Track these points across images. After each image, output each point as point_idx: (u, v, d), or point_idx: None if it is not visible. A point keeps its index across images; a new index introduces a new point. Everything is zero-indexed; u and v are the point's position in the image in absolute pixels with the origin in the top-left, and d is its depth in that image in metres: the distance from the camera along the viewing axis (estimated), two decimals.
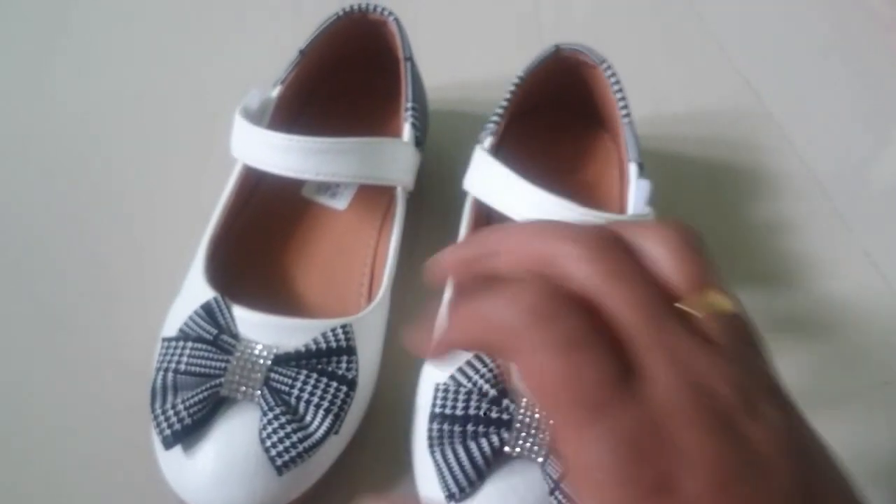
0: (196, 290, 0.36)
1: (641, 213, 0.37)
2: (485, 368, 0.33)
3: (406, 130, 0.41)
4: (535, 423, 0.32)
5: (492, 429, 0.32)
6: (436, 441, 0.32)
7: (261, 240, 0.41)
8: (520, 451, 0.32)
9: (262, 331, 0.34)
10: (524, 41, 0.46)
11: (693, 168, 0.52)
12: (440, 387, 0.33)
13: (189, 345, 0.33)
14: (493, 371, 0.33)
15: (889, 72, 0.59)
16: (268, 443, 0.31)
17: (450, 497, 0.31)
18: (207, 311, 0.35)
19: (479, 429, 0.32)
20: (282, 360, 0.33)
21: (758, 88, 0.57)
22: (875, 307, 0.45)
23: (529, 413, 0.32)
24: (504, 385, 0.33)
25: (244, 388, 0.33)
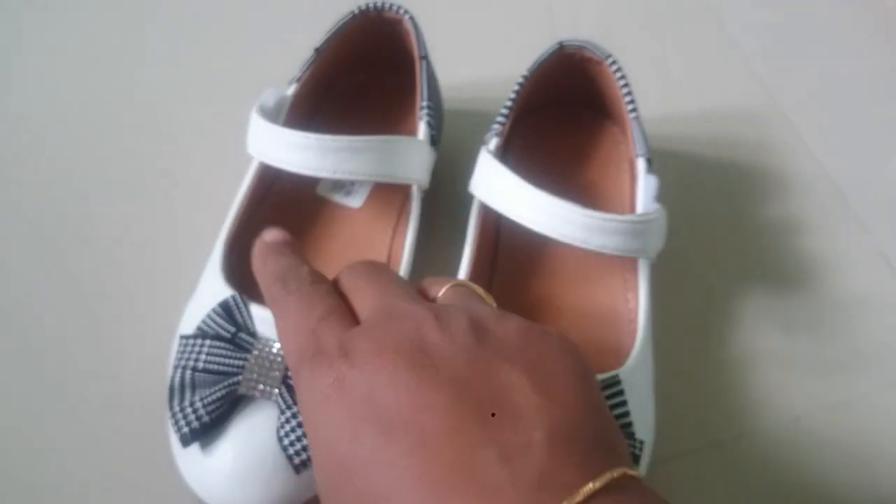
0: (213, 288, 0.36)
1: (650, 210, 0.37)
2: None
3: (421, 129, 0.41)
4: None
5: None
6: None
7: None
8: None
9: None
10: (537, 40, 0.45)
11: (706, 168, 0.52)
12: None
13: (207, 342, 0.34)
14: None
15: None
16: (285, 441, 0.31)
17: None
18: (225, 309, 0.35)
19: None
20: None
21: (771, 88, 0.57)
22: (891, 307, 0.45)
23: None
24: None
25: (262, 387, 0.33)
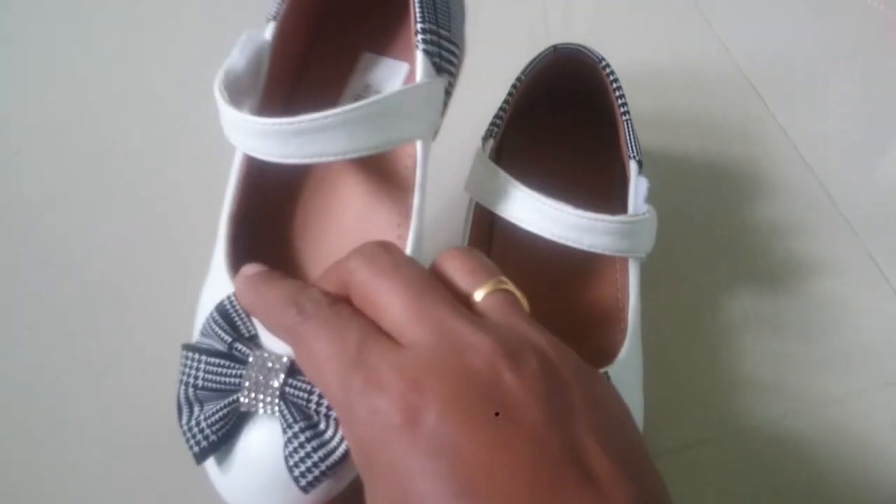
0: (219, 279, 0.34)
1: (640, 212, 0.37)
2: None
3: (419, 61, 0.34)
4: None
5: None
6: None
7: (279, 213, 0.38)
8: None
9: None
10: (532, 43, 0.43)
11: (696, 170, 0.52)
12: None
13: (203, 359, 0.32)
14: None
15: (893, 74, 0.59)
16: (290, 462, 0.30)
17: None
18: (223, 314, 0.32)
19: None
20: (296, 370, 0.31)
21: (762, 91, 0.57)
22: (878, 309, 0.45)
23: None
24: None
25: (262, 403, 0.31)
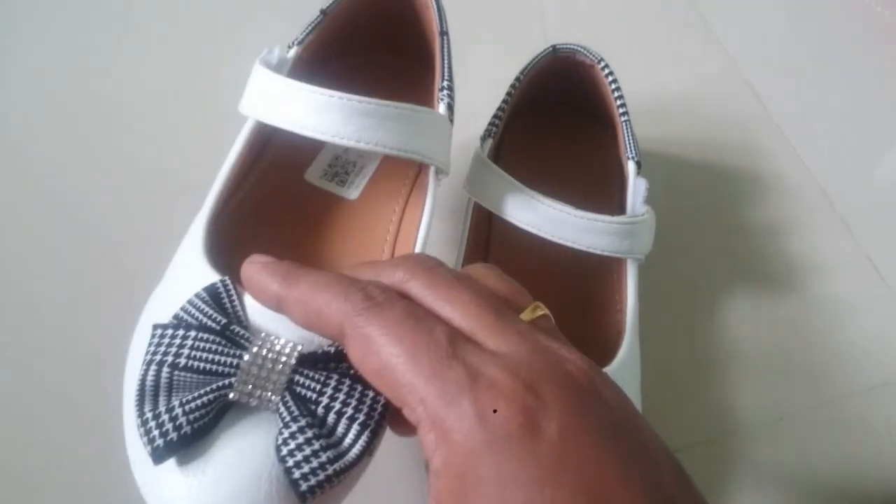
0: (193, 272, 0.29)
1: (639, 213, 0.37)
2: None
3: (441, 112, 0.36)
4: None
5: None
6: None
7: (267, 222, 0.35)
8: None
9: (278, 323, 0.28)
10: (530, 44, 0.44)
11: (694, 170, 0.52)
12: None
13: (192, 334, 0.26)
14: None
15: (890, 75, 0.60)
16: (290, 461, 0.25)
17: None
18: (213, 296, 0.28)
19: None
20: (307, 361, 0.27)
21: (760, 91, 0.57)
22: (875, 309, 0.45)
23: None
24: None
25: (260, 393, 0.26)
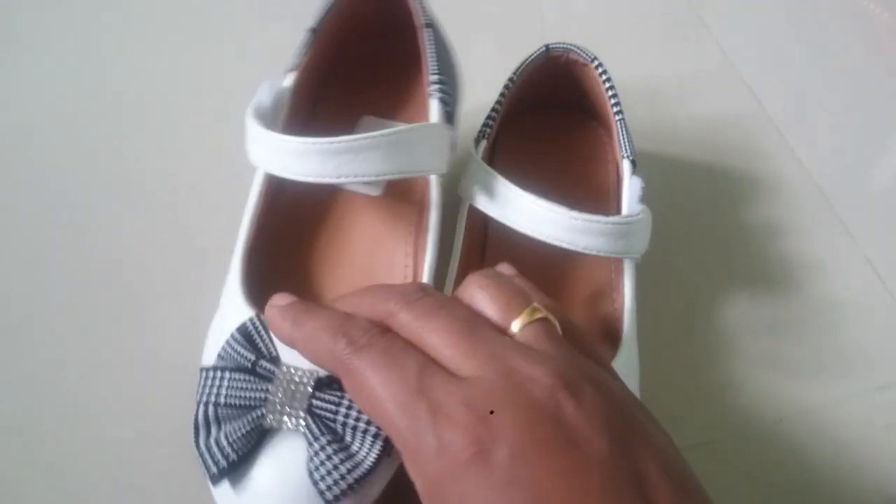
0: (232, 310, 0.34)
1: (635, 212, 0.37)
2: None
3: (433, 108, 0.37)
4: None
5: None
6: None
7: (295, 241, 0.39)
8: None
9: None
10: (525, 43, 0.44)
11: (693, 171, 0.52)
12: None
13: (227, 375, 0.32)
14: None
15: (888, 77, 0.59)
16: (316, 476, 0.30)
17: None
18: (244, 335, 0.33)
19: None
20: (324, 384, 0.31)
21: (758, 92, 0.57)
22: (874, 311, 0.45)
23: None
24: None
25: (286, 418, 0.31)
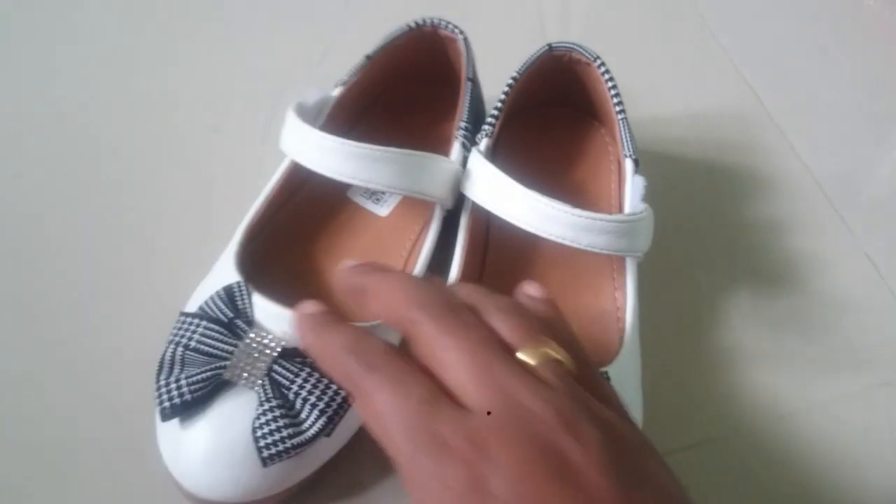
0: (223, 273, 0.37)
1: (638, 211, 0.37)
2: None
3: (454, 149, 0.41)
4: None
5: None
6: None
7: (298, 233, 0.42)
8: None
9: (277, 322, 0.34)
10: (527, 42, 0.46)
11: (694, 169, 0.52)
12: None
13: (203, 323, 0.34)
14: None
15: (890, 74, 0.59)
16: (258, 433, 0.32)
17: None
18: (228, 294, 0.35)
19: None
20: (289, 354, 0.33)
21: (758, 90, 0.58)
22: (875, 308, 0.45)
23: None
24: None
25: (246, 375, 0.33)
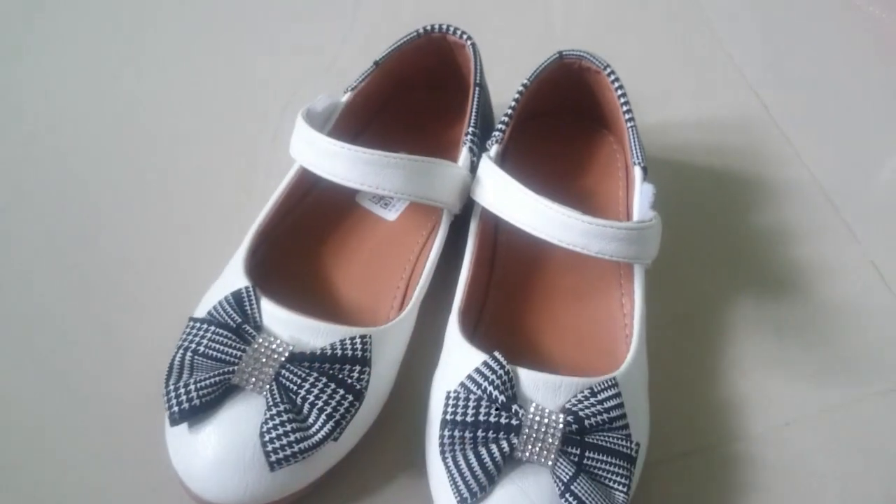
0: (232, 278, 0.37)
1: (646, 218, 0.37)
2: (493, 375, 0.33)
3: (462, 155, 0.41)
4: (544, 428, 0.32)
5: (501, 434, 0.32)
6: (447, 447, 0.33)
7: (306, 238, 0.42)
8: (529, 456, 0.32)
9: (285, 327, 0.35)
10: (537, 50, 0.46)
11: (701, 176, 0.53)
12: (451, 394, 0.34)
13: (212, 328, 0.34)
14: (502, 377, 0.33)
15: (894, 80, 0.59)
16: (266, 437, 0.32)
17: (461, 502, 0.31)
18: (237, 299, 0.36)
19: (490, 434, 0.32)
20: (296, 359, 0.34)
21: (765, 98, 0.58)
22: (881, 316, 0.45)
23: (538, 418, 0.32)
24: (513, 391, 0.33)
25: (254, 380, 0.33)
